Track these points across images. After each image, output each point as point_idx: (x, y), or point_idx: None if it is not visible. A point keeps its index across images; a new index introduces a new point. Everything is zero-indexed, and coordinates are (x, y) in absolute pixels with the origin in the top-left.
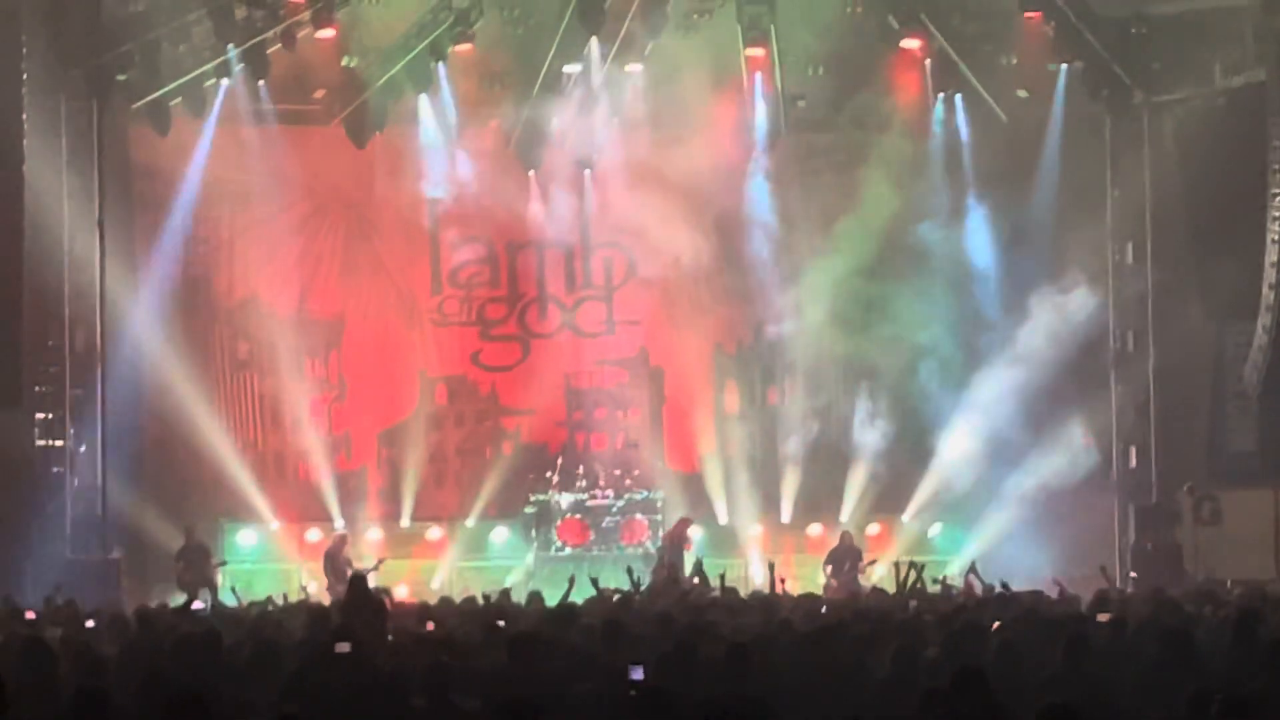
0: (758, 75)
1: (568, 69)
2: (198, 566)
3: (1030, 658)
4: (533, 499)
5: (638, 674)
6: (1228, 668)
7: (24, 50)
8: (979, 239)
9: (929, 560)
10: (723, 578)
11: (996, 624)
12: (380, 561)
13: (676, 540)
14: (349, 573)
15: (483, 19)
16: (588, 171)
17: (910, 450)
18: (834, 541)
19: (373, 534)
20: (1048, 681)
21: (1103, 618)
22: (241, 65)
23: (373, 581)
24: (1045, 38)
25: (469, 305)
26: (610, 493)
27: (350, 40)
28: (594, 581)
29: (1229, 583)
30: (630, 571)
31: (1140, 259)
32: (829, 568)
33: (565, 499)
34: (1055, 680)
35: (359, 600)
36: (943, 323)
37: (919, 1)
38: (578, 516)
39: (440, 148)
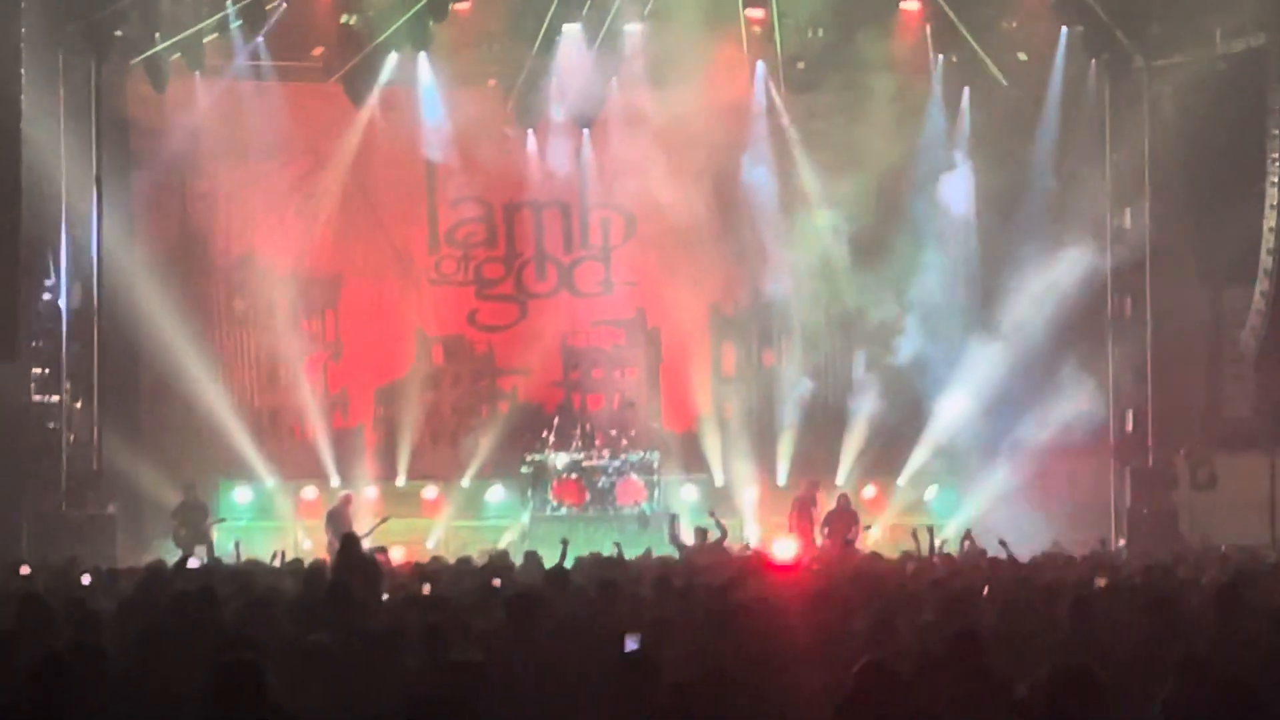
0: (757, 35)
1: (567, 28)
2: (194, 523)
3: (1027, 622)
4: (529, 459)
5: (633, 644)
6: (1215, 634)
7: (22, 5)
8: (977, 202)
9: (924, 523)
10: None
11: (986, 588)
12: (384, 519)
13: (806, 503)
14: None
15: None
16: (586, 131)
17: (906, 413)
18: (831, 504)
19: (369, 492)
20: (1046, 647)
21: (1100, 583)
22: (240, 22)
23: (370, 541)
24: (1045, 1)
25: (466, 264)
26: (606, 453)
27: None
28: (564, 542)
29: (1223, 547)
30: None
31: (1138, 223)
32: (825, 530)
33: (561, 459)
34: (1053, 646)
35: (352, 559)
36: (941, 286)
37: None
38: (574, 476)
39: (438, 106)
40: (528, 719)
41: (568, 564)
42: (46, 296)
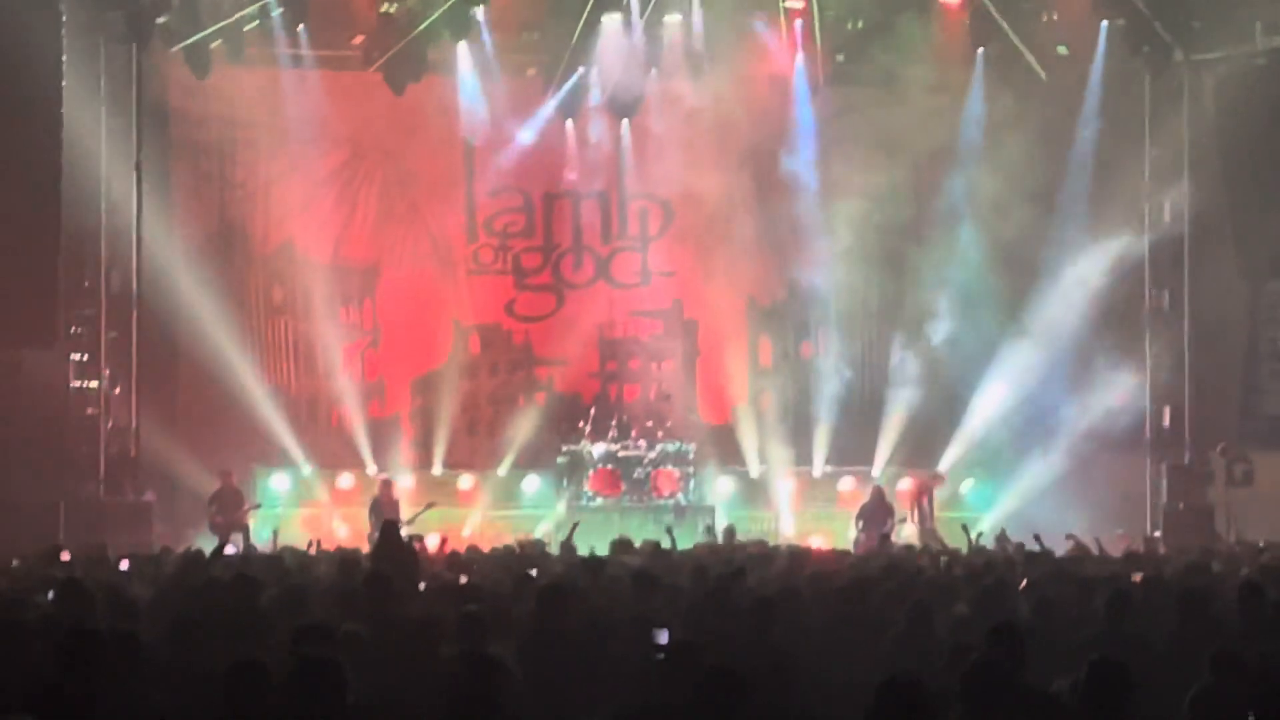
0: (797, 27)
1: (607, 18)
2: (231, 511)
3: (1063, 616)
4: (565, 449)
5: (663, 638)
6: (1245, 629)
7: None
8: (1016, 194)
9: (960, 517)
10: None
11: (1025, 582)
12: (428, 505)
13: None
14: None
15: None
16: (625, 122)
17: (943, 406)
18: (865, 496)
19: (405, 481)
20: (1081, 641)
21: (1135, 578)
22: (281, 10)
23: (409, 529)
24: None
25: (504, 254)
26: (642, 444)
27: None
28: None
29: (1261, 543)
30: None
31: (1177, 218)
32: (860, 523)
33: (597, 449)
34: (1088, 641)
35: (390, 547)
36: (979, 278)
37: None
38: (609, 467)
39: (478, 96)
40: (561, 709)
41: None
42: (86, 283)
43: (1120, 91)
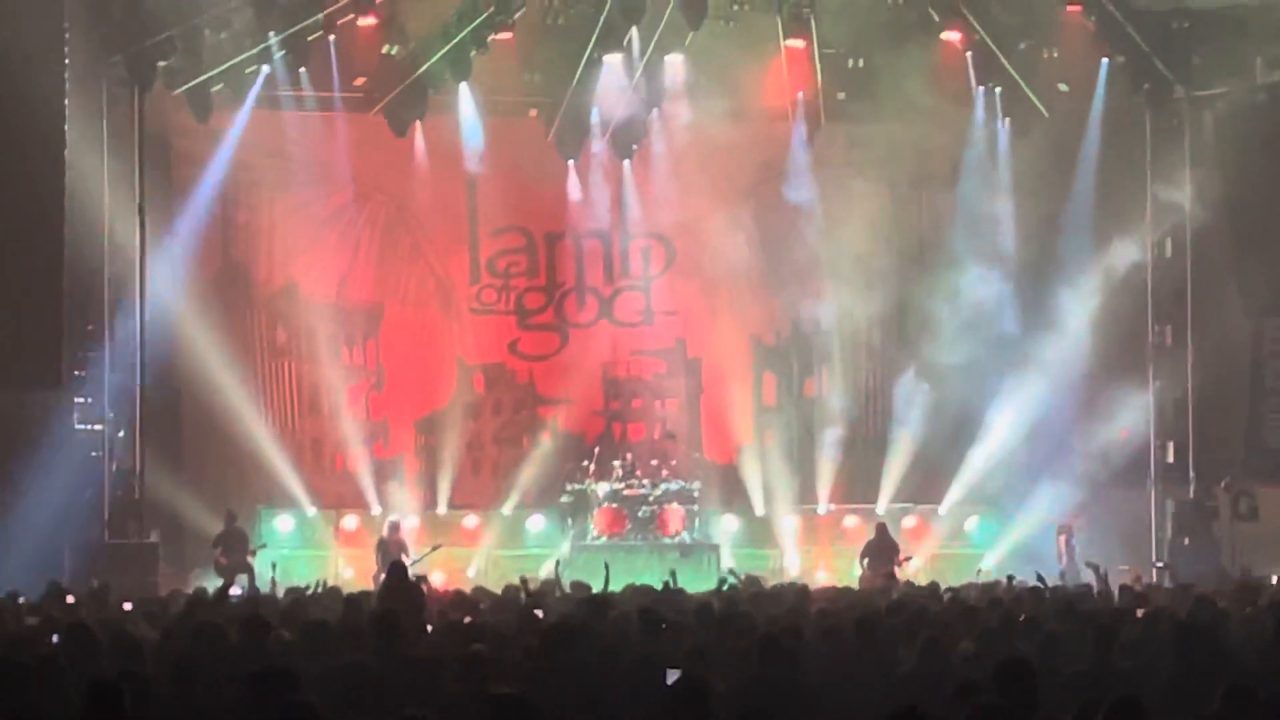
0: (797, 66)
1: (608, 59)
2: (236, 552)
3: (1068, 652)
4: (569, 488)
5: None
6: (1261, 664)
7: (66, 36)
8: (1018, 231)
9: (965, 553)
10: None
11: (1023, 617)
12: (435, 546)
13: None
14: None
15: (523, 8)
16: (627, 162)
17: (947, 443)
18: (870, 534)
19: (410, 521)
20: (1081, 676)
21: (1139, 613)
22: (282, 52)
23: (416, 569)
24: (1086, 31)
25: (507, 294)
26: (647, 482)
27: (391, 28)
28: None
29: (1275, 579)
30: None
31: (1179, 254)
32: (865, 560)
33: (602, 488)
34: (1089, 675)
35: (397, 587)
36: (981, 316)
37: None
38: (614, 506)
39: (479, 137)
40: None
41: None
42: (90, 326)
43: (1121, 127)
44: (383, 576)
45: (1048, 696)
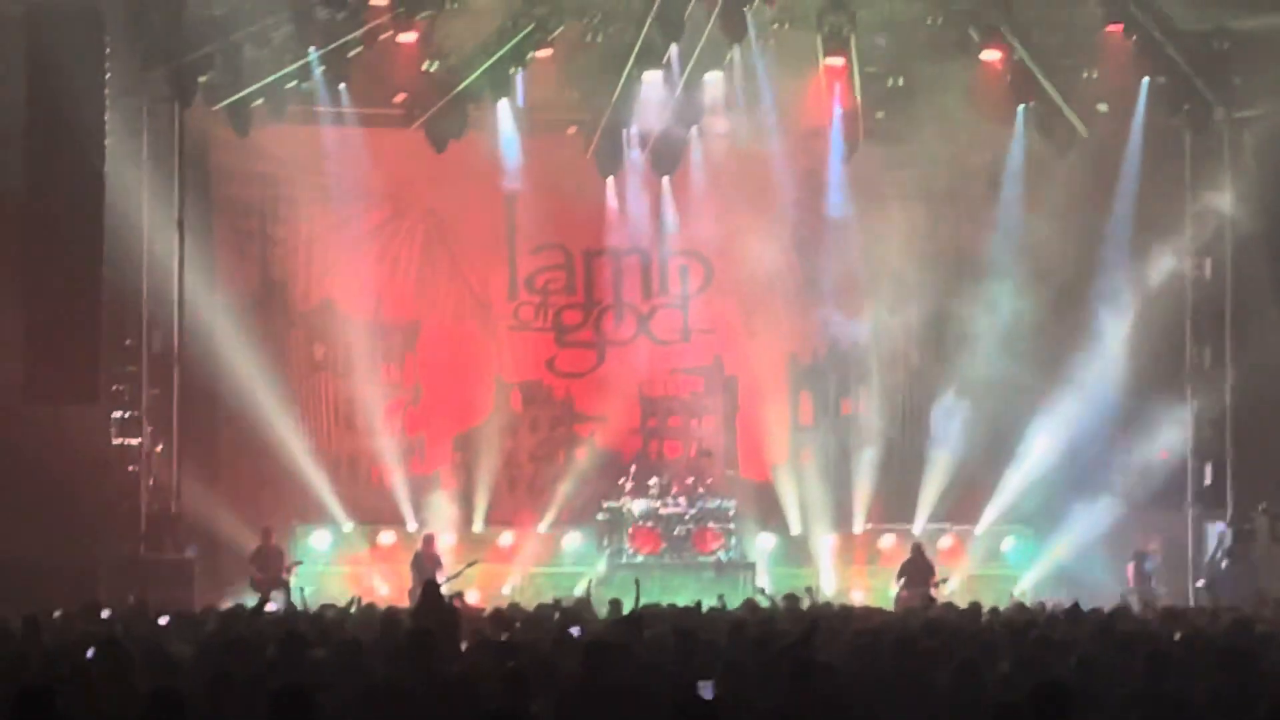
0: (837, 86)
1: (647, 75)
2: (272, 569)
3: (1105, 674)
4: (605, 506)
5: (708, 692)
6: None
7: (107, 52)
8: (1057, 250)
9: (1001, 574)
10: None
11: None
12: (471, 563)
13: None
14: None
15: (562, 26)
16: (666, 179)
17: (984, 462)
18: (906, 554)
19: (446, 539)
20: (1126, 699)
21: (1176, 636)
22: (322, 68)
23: (451, 586)
24: (1127, 52)
25: (545, 311)
26: (683, 501)
27: (431, 45)
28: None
29: None
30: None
31: (1218, 275)
32: (901, 580)
33: (638, 506)
34: (1133, 699)
35: (432, 605)
36: (1019, 335)
37: (1000, 14)
38: (650, 524)
39: (518, 153)
40: None
41: (641, 601)
42: (128, 341)
43: (1161, 148)
44: (418, 592)
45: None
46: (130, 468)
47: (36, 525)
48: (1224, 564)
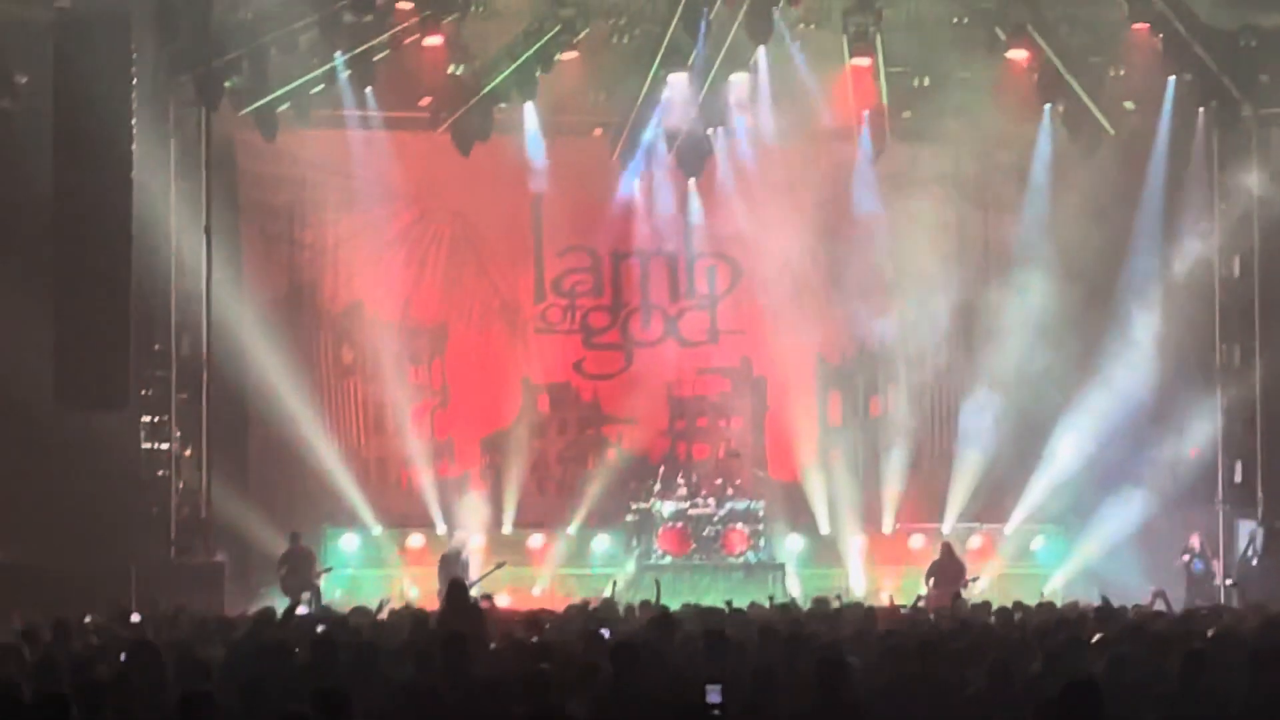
0: (863, 85)
1: (672, 77)
2: (302, 572)
3: (1138, 673)
4: (634, 507)
5: (715, 696)
6: None
7: (134, 56)
8: (1085, 248)
9: (1031, 573)
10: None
11: (1097, 637)
12: (499, 565)
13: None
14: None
15: (588, 28)
16: (692, 180)
17: (1013, 461)
18: (936, 554)
19: (475, 540)
20: (1159, 698)
21: (1208, 634)
22: (348, 72)
23: (479, 588)
24: (1153, 50)
25: (572, 313)
26: (712, 502)
27: (457, 48)
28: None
29: None
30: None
31: (1247, 272)
32: (930, 580)
33: (666, 508)
34: (1168, 697)
35: (457, 607)
36: (1049, 332)
37: (1026, 13)
38: (679, 525)
39: (545, 156)
40: None
41: (663, 600)
42: (156, 345)
43: (1188, 145)
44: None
45: (1125, 717)
46: (160, 472)
47: (67, 531)
48: (1255, 561)
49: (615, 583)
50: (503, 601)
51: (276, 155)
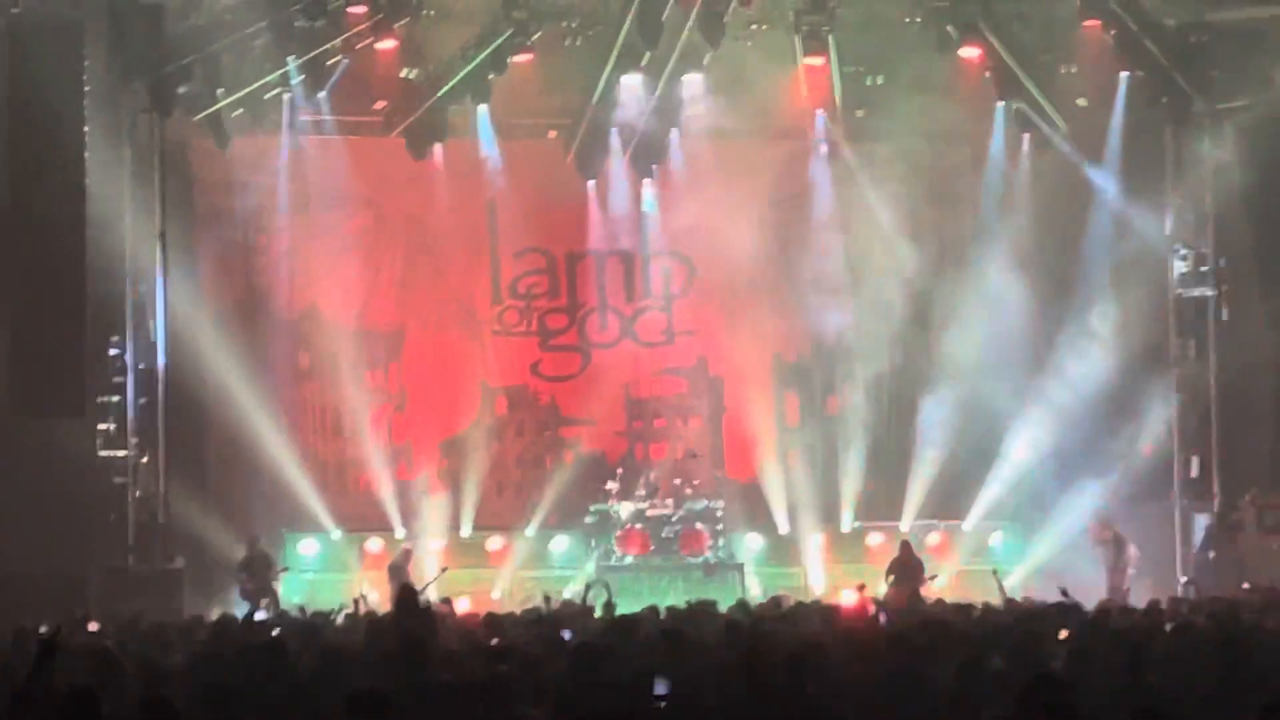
0: (816, 84)
1: (626, 79)
2: (261, 577)
3: (1098, 667)
4: (593, 509)
5: (661, 689)
6: None
7: (86, 63)
8: (1039, 245)
9: (989, 570)
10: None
11: (1064, 633)
12: (443, 570)
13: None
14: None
15: (541, 30)
16: (646, 181)
17: (971, 459)
18: (894, 551)
19: (433, 544)
20: (1114, 691)
21: (1166, 628)
22: (302, 77)
23: (435, 591)
24: (1105, 46)
25: (529, 315)
26: (670, 502)
27: (410, 52)
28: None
29: None
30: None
31: (1201, 266)
32: (890, 578)
33: (625, 509)
34: (1122, 690)
35: (406, 612)
36: (1004, 332)
37: (978, 11)
38: (637, 526)
39: (499, 158)
40: None
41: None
42: (113, 352)
43: (1141, 141)
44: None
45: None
46: (117, 479)
47: (24, 538)
48: (1210, 555)
49: (589, 584)
50: (462, 606)
51: (231, 161)
